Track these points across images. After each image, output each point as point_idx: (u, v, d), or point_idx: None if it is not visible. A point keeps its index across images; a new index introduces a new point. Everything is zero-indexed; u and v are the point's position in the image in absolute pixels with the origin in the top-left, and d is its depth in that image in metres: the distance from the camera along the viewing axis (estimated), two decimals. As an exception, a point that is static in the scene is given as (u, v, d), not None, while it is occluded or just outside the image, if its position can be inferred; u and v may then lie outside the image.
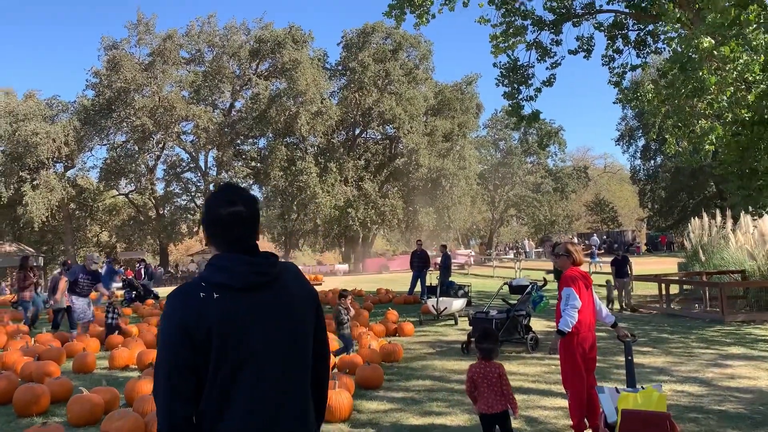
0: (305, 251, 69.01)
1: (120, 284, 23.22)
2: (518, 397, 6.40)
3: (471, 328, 9.43)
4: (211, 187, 44.83)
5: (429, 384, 7.08)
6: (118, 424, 4.87)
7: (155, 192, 45.64)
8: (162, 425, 1.75)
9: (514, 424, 4.66)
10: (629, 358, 4.64)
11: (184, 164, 47.20)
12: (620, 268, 14.47)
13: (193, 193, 48.18)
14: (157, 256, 50.82)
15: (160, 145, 44.55)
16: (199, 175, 46.99)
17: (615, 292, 14.67)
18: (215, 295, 1.80)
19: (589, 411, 4.95)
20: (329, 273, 42.52)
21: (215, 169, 46.09)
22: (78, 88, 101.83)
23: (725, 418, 5.51)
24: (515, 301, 9.83)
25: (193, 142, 44.89)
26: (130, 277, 23.35)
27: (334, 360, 7.73)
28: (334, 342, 8.74)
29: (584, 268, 26.86)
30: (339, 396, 5.48)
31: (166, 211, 45.61)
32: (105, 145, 45.44)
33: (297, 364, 1.91)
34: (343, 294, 8.83)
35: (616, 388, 4.40)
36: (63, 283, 11.47)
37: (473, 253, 47.88)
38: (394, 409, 5.98)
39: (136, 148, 43.37)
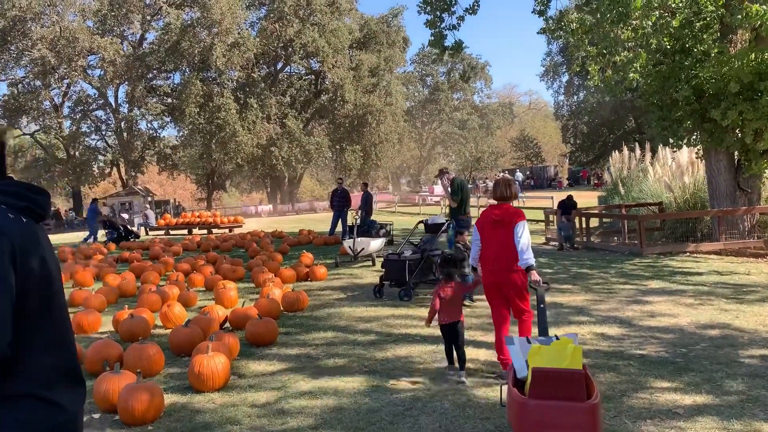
0: (231, 192, 67.05)
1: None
2: (429, 347, 5.79)
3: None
4: (123, 124, 42.04)
5: (330, 336, 6.36)
6: None
7: (63, 131, 42.35)
8: None
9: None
10: (541, 306, 4.39)
11: (91, 101, 43.88)
12: (567, 210, 14.11)
13: (104, 132, 45.14)
14: (71, 200, 47.82)
15: (66, 81, 41.01)
16: (109, 112, 43.88)
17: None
18: (23, 219, 1.63)
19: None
20: (255, 215, 41.17)
21: (127, 106, 43.09)
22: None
23: (647, 364, 5.07)
24: (419, 241, 9.29)
25: (100, 76, 41.60)
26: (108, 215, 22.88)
27: (226, 313, 6.89)
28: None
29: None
30: (211, 361, 4.65)
31: (76, 152, 42.48)
32: (2, 81, 41.58)
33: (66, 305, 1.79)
34: None
35: (527, 338, 4.07)
36: None
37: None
38: (283, 370, 5.22)
39: (39, 84, 39.84)
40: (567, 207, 14.08)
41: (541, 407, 3.34)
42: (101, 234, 21.31)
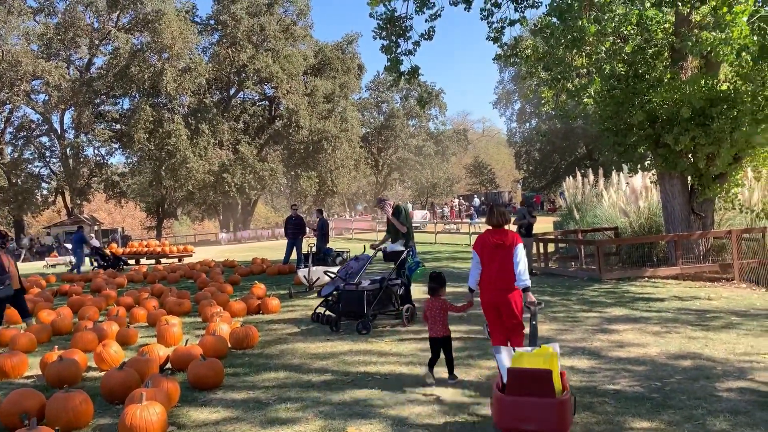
0: (183, 220, 65.35)
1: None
2: (388, 387, 5.35)
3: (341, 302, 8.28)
4: (68, 151, 40.55)
5: (282, 377, 5.84)
6: None
7: (4, 157, 40.54)
8: None
9: None
10: (533, 322, 4.89)
11: (35, 126, 42.27)
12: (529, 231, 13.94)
13: (48, 159, 43.46)
14: (13, 229, 45.63)
15: (8, 106, 39.35)
16: (54, 138, 42.29)
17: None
18: None
19: None
20: (210, 243, 39.99)
21: (73, 132, 41.62)
22: None
23: (623, 401, 4.74)
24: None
25: (44, 101, 40.14)
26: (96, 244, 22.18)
27: (168, 353, 6.30)
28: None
29: (464, 229, 26.47)
30: (145, 412, 4.11)
31: (18, 179, 40.63)
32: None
33: None
34: None
35: (513, 348, 4.47)
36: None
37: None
38: (228, 419, 4.68)
39: (-23, 108, 38.24)
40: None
41: (515, 402, 3.77)
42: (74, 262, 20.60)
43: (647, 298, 9.84)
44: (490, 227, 5.42)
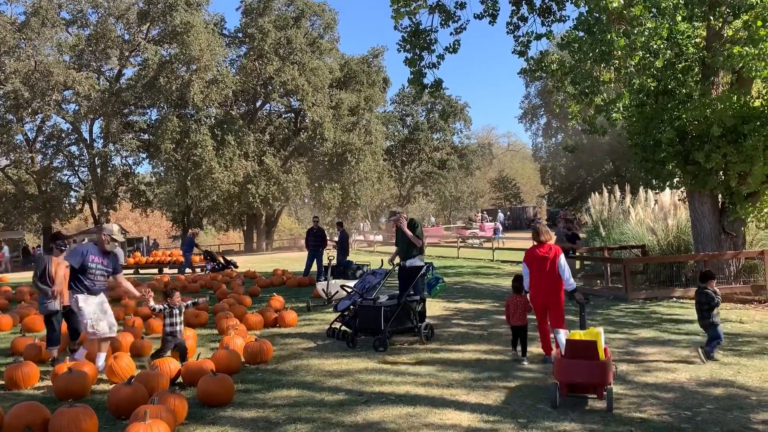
0: (208, 230, 65.88)
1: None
2: (405, 409, 5.15)
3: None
4: (96, 160, 41.13)
5: (295, 395, 5.67)
6: None
7: (35, 166, 41.29)
8: None
9: None
10: (583, 313, 6.39)
11: (65, 136, 43.02)
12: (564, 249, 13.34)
13: (77, 167, 44.14)
14: (41, 236, 46.35)
15: (40, 115, 40.13)
16: (82, 147, 42.96)
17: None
18: None
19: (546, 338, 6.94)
20: (234, 253, 40.12)
21: (101, 141, 42.25)
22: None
23: (650, 431, 4.49)
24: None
25: (74, 111, 40.85)
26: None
27: (179, 367, 6.18)
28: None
29: (488, 244, 25.96)
30: (149, 431, 3.98)
31: (47, 187, 41.34)
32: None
33: None
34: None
35: (568, 331, 6.20)
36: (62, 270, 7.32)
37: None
38: (236, 439, 4.54)
39: (10, 117, 38.94)
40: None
41: (571, 363, 5.21)
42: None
43: (676, 319, 9.50)
44: (535, 243, 6.80)
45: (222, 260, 20.71)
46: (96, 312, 6.67)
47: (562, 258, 6.54)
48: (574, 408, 5.10)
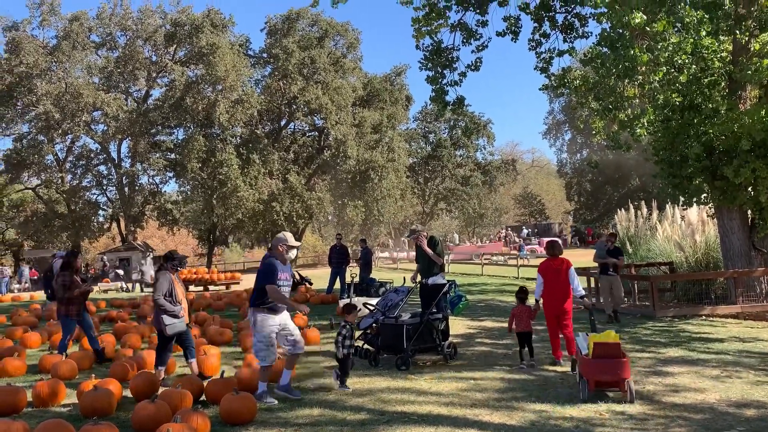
0: (233, 248, 66.46)
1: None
2: (425, 429, 5.10)
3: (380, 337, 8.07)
4: (124, 179, 41.90)
5: (316, 414, 5.67)
6: None
7: (64, 185, 42.21)
8: None
9: None
10: (592, 318, 6.99)
11: (93, 156, 43.96)
12: (606, 264, 11.84)
13: (105, 187, 44.99)
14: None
15: (70, 135, 41.10)
16: (111, 166, 43.83)
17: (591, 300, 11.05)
18: None
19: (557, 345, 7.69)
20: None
21: (129, 161, 43.08)
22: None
23: (678, 455, 4.39)
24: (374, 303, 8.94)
25: (103, 131, 41.75)
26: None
27: (203, 384, 6.21)
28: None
29: (512, 261, 25.79)
30: (171, 450, 4.01)
31: (77, 207, 42.20)
32: (8, 135, 41.65)
33: None
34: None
35: (586, 333, 6.66)
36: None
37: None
38: (257, 459, 4.55)
39: (41, 138, 39.94)
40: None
41: (598, 362, 5.84)
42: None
43: (705, 338, 9.30)
44: (549, 256, 7.62)
45: (297, 276, 20.49)
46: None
47: (572, 269, 7.37)
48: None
